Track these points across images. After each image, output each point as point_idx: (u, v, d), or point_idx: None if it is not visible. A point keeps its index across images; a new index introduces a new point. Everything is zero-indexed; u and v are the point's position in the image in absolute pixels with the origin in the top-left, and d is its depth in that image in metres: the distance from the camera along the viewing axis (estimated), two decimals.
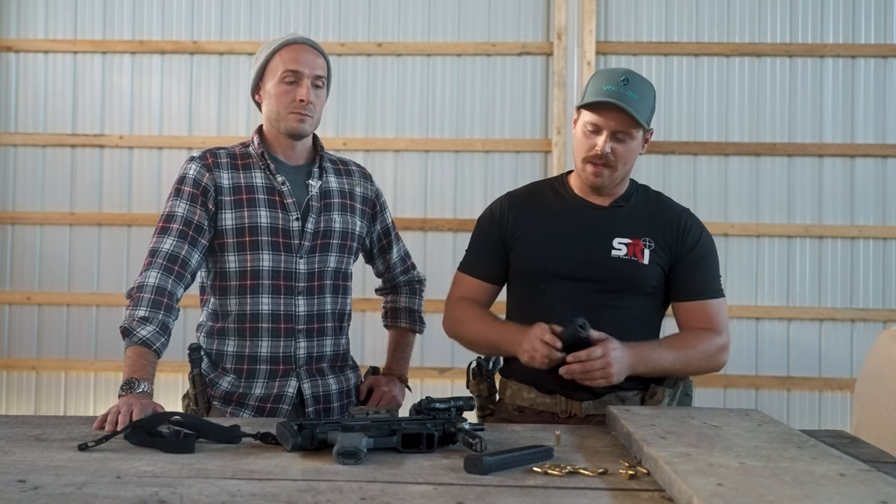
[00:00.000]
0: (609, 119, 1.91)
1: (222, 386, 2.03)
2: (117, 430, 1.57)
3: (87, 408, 4.52)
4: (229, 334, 2.04)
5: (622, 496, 1.23)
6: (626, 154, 1.95)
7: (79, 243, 4.58)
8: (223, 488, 1.24)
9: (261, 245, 2.01)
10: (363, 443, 1.41)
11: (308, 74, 2.00)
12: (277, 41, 2.05)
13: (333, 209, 2.10)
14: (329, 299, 2.09)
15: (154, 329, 1.87)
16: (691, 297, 2.00)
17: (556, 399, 1.95)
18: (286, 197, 2.04)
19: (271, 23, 4.57)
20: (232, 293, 2.03)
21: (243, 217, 2.01)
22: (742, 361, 4.43)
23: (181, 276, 1.96)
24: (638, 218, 2.01)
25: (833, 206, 4.43)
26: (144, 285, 1.92)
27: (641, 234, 1.99)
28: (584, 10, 4.44)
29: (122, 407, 1.68)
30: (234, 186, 2.03)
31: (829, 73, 4.44)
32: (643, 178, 4.37)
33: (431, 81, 4.56)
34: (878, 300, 4.40)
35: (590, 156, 1.94)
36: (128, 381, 1.80)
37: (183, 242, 1.97)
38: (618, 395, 1.93)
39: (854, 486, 1.14)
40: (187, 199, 2.00)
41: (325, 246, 2.07)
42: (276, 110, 2.02)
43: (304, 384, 2.05)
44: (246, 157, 2.08)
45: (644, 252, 1.97)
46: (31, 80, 4.65)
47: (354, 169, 2.23)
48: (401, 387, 2.25)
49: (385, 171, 4.54)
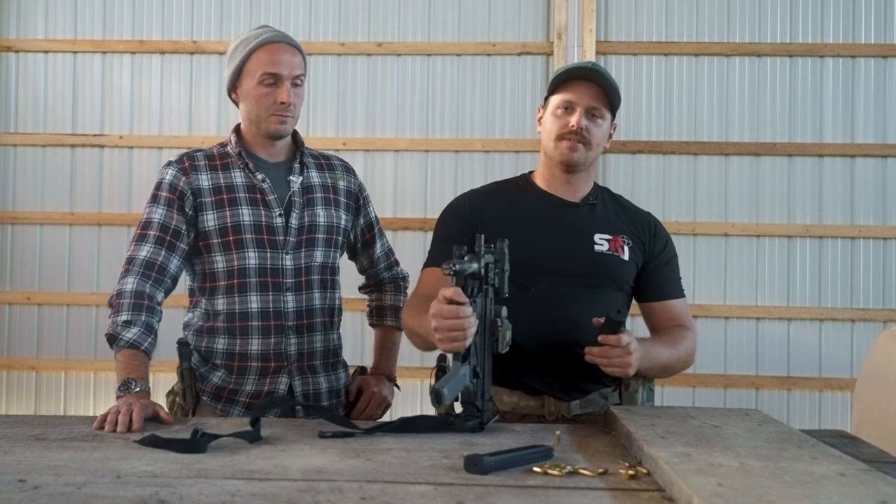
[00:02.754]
0: (583, 95, 1.91)
1: (213, 380, 2.02)
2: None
3: (87, 408, 4.53)
4: (219, 332, 2.04)
5: (622, 496, 1.23)
6: (598, 135, 1.95)
7: (79, 243, 4.58)
8: (223, 488, 1.24)
9: (245, 243, 2.00)
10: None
11: (287, 76, 1.99)
12: (252, 40, 2.01)
13: (317, 204, 2.09)
14: (317, 294, 2.08)
15: (139, 330, 1.87)
16: (667, 297, 2.03)
17: (543, 400, 1.91)
18: (267, 194, 2.03)
19: (271, 23, 4.56)
20: (220, 293, 2.03)
21: (225, 217, 2.00)
22: (742, 361, 4.43)
23: (160, 282, 1.96)
24: (612, 216, 2.02)
25: (833, 206, 4.43)
26: (123, 291, 1.92)
27: (619, 232, 1.99)
28: (584, 10, 4.44)
29: (122, 406, 1.68)
30: (215, 187, 2.02)
31: (829, 73, 4.44)
32: (643, 179, 4.46)
33: (431, 81, 4.56)
34: (878, 300, 4.40)
35: (565, 132, 1.93)
36: (124, 381, 1.81)
37: (160, 248, 1.97)
38: (601, 393, 1.93)
39: (854, 486, 1.14)
40: (164, 205, 2.00)
41: (311, 241, 2.06)
42: (255, 112, 2.02)
43: (294, 381, 2.04)
44: (224, 156, 2.08)
45: (624, 248, 1.97)
46: (31, 80, 4.65)
47: (336, 163, 2.22)
48: (390, 386, 2.24)
49: (385, 171, 4.54)
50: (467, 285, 1.65)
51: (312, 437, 1.60)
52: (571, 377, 1.90)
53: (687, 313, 2.05)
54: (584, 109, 1.92)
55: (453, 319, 1.58)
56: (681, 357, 1.94)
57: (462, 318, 1.58)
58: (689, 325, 2.02)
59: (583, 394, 1.92)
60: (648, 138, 4.48)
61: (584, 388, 1.91)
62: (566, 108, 1.93)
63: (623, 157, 4.49)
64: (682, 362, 1.96)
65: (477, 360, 1.66)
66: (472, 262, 1.64)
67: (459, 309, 1.58)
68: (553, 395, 1.91)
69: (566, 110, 1.93)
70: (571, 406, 1.91)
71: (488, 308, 1.69)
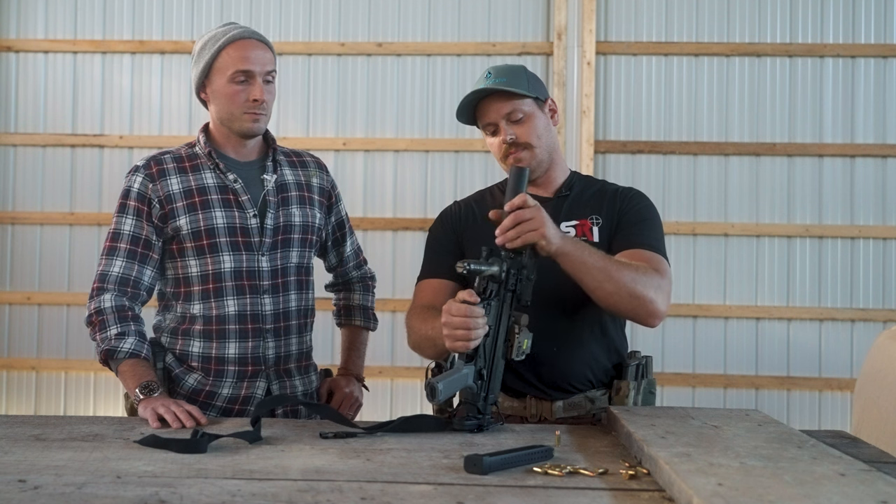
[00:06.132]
0: (490, 110, 1.91)
1: (188, 383, 1.98)
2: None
3: (87, 408, 4.51)
4: (195, 335, 1.99)
5: (622, 496, 1.23)
6: (530, 130, 1.92)
7: (79, 243, 4.59)
8: (223, 488, 1.24)
9: (220, 247, 1.96)
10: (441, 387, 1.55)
11: (259, 72, 1.94)
12: (221, 37, 1.96)
13: (292, 203, 2.05)
14: (294, 296, 2.05)
15: (135, 340, 1.88)
16: (631, 247, 1.85)
17: (525, 402, 1.90)
18: (240, 194, 1.98)
19: (271, 23, 4.57)
20: (196, 298, 1.98)
21: (198, 220, 1.95)
22: (742, 361, 4.43)
23: (136, 296, 1.95)
24: (583, 201, 1.98)
25: (833, 206, 4.43)
26: (102, 309, 1.90)
27: (588, 214, 1.95)
28: (584, 10, 4.44)
29: (171, 406, 1.73)
30: (186, 191, 1.97)
31: (829, 73, 4.45)
32: (643, 179, 4.46)
33: (431, 81, 4.56)
34: (878, 300, 4.40)
35: (503, 152, 1.93)
36: (145, 384, 1.81)
37: (132, 262, 1.94)
38: (587, 396, 1.90)
39: (854, 486, 1.14)
40: (133, 215, 1.96)
41: (287, 241, 2.02)
42: (228, 111, 1.97)
43: (272, 385, 2.01)
44: (193, 157, 2.02)
45: (593, 230, 1.93)
46: (31, 80, 4.65)
47: (309, 160, 2.16)
48: (359, 387, 2.22)
49: (385, 171, 4.54)
50: (487, 287, 1.66)
51: (312, 437, 1.60)
52: (551, 376, 1.89)
53: (660, 262, 1.83)
54: (503, 120, 1.91)
55: (461, 318, 1.59)
56: (622, 274, 1.72)
57: (470, 318, 1.59)
58: (659, 270, 1.81)
59: (565, 393, 1.89)
60: (648, 138, 4.48)
61: (565, 387, 1.89)
62: (492, 132, 1.95)
63: (623, 157, 4.49)
64: (626, 284, 1.72)
65: (484, 362, 1.65)
66: (493, 264, 1.64)
67: (469, 308, 1.59)
68: (534, 395, 1.90)
69: (493, 133, 1.95)
70: (555, 408, 1.88)
71: (504, 313, 1.68)
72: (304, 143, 4.34)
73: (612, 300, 1.75)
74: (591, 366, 1.91)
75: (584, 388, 1.91)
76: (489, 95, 1.91)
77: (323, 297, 2.30)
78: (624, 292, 1.73)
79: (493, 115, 1.92)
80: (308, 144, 4.36)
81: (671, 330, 4.43)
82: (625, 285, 1.72)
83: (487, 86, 1.90)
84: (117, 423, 1.75)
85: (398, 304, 4.37)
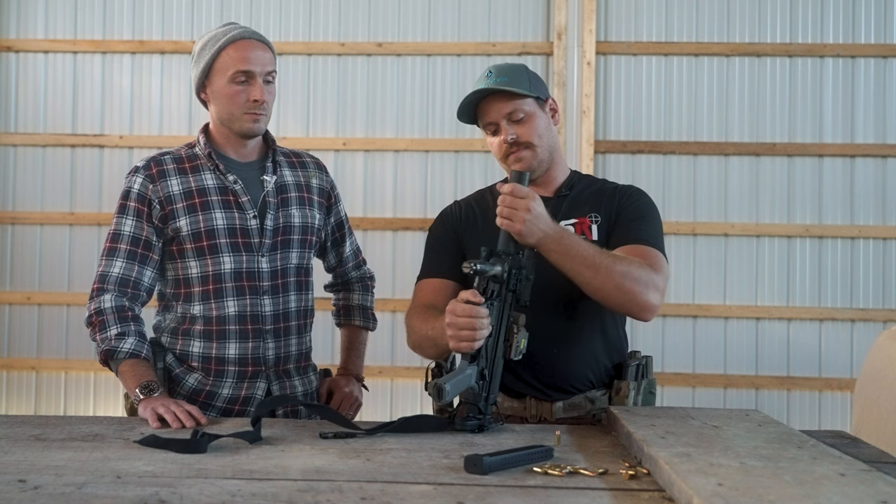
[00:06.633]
0: (491, 110, 1.92)
1: (189, 382, 1.98)
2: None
3: (87, 408, 4.51)
4: (195, 336, 1.99)
5: (622, 496, 1.23)
6: (531, 129, 1.92)
7: (79, 243, 4.59)
8: (223, 488, 1.24)
9: (220, 248, 1.96)
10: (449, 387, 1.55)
11: (259, 73, 1.94)
12: (221, 37, 1.96)
13: (291, 203, 2.05)
14: (293, 297, 2.05)
15: (135, 340, 1.88)
16: (627, 242, 1.85)
17: (525, 403, 1.90)
18: (240, 195, 1.98)
19: (271, 23, 4.57)
20: (196, 299, 1.98)
21: (198, 221, 1.95)
22: (742, 361, 4.43)
23: (136, 297, 1.95)
24: (582, 199, 1.98)
25: (833, 206, 4.43)
26: (102, 309, 1.90)
27: (587, 212, 1.95)
28: (584, 10, 4.44)
29: (171, 406, 1.72)
30: (186, 192, 1.97)
31: (829, 73, 4.45)
32: (643, 178, 4.46)
33: (431, 81, 4.56)
34: (878, 300, 4.40)
35: (504, 152, 1.94)
36: (146, 384, 1.81)
37: (132, 263, 1.94)
38: (587, 397, 1.90)
39: (854, 486, 1.14)
40: (133, 216, 1.96)
41: (286, 242, 2.03)
42: (228, 111, 1.96)
43: (273, 386, 2.01)
44: (193, 158, 2.02)
45: (592, 228, 1.93)
46: (31, 80, 4.65)
47: (308, 160, 2.16)
48: (359, 386, 2.22)
49: (385, 171, 4.54)
50: (488, 288, 1.66)
51: (312, 438, 1.60)
52: (551, 376, 1.89)
53: (656, 257, 1.82)
54: (505, 120, 1.91)
55: (467, 318, 1.59)
56: (614, 268, 1.71)
57: (475, 318, 1.59)
58: (654, 264, 1.80)
59: (565, 394, 1.89)
60: (648, 138, 4.48)
61: (565, 387, 1.89)
62: (493, 132, 1.95)
63: (623, 157, 4.49)
64: (618, 278, 1.71)
65: (486, 362, 1.66)
66: (496, 264, 1.65)
67: (474, 309, 1.60)
68: (534, 396, 1.90)
69: (493, 133, 1.95)
70: (555, 408, 1.88)
71: (505, 313, 1.69)
72: (304, 144, 4.34)
73: (602, 293, 1.75)
74: (591, 366, 1.91)
75: (585, 388, 1.91)
76: (490, 95, 1.91)
77: (322, 297, 2.30)
78: (612, 285, 1.72)
79: (494, 114, 1.92)
80: (308, 144, 4.36)
81: (671, 330, 4.43)
82: (613, 279, 1.72)
83: (488, 85, 1.90)
84: (117, 423, 1.75)
85: (398, 304, 4.37)
